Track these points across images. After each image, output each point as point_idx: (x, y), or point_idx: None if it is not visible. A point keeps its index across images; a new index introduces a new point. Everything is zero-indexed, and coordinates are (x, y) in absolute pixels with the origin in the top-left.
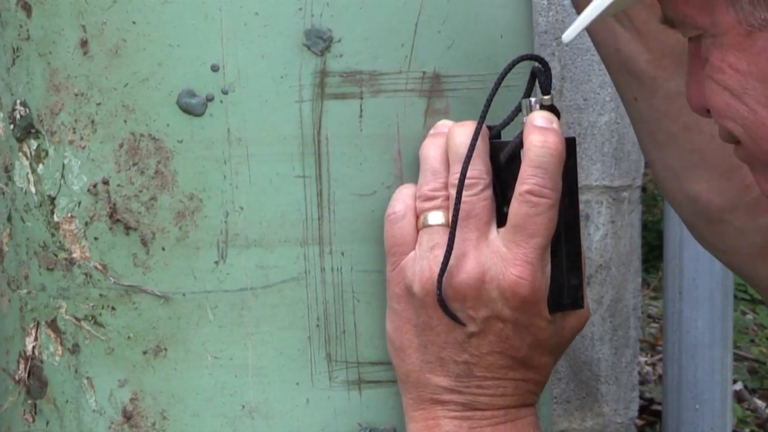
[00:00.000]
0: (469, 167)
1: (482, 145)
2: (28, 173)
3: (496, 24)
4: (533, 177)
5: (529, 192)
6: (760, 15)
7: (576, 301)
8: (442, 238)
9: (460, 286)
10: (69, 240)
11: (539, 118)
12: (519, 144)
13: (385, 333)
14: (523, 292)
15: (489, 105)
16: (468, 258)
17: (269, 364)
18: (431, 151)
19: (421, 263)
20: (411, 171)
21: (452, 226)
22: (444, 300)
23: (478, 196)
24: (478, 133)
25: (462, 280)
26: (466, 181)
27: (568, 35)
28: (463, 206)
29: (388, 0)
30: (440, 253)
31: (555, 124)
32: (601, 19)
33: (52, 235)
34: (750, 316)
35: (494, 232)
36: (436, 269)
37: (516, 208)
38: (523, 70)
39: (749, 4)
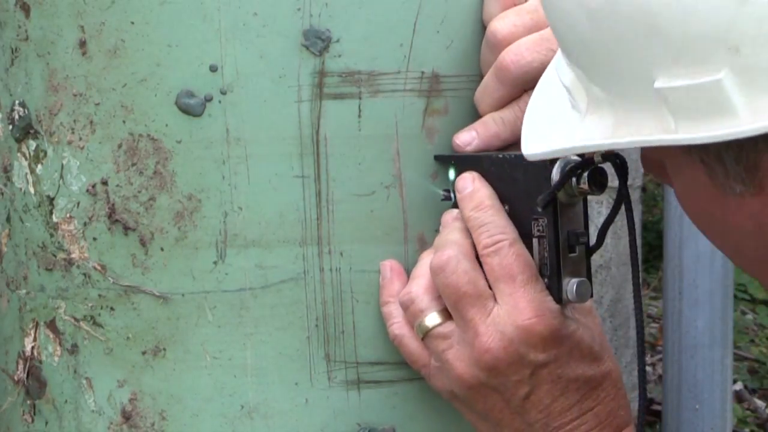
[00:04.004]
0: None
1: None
2: (27, 174)
3: None
4: (480, 235)
5: (486, 246)
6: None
7: (558, 297)
8: (446, 338)
9: (491, 363)
10: (68, 240)
11: (459, 189)
12: (552, 192)
13: (383, 333)
14: (543, 328)
15: None
16: (481, 335)
17: (268, 365)
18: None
19: (446, 368)
20: (410, 171)
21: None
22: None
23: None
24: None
25: (488, 358)
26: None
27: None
28: (468, 288)
29: (386, 0)
30: (452, 352)
31: (476, 182)
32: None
33: (51, 235)
34: (750, 316)
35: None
36: (461, 367)
37: (486, 266)
38: None
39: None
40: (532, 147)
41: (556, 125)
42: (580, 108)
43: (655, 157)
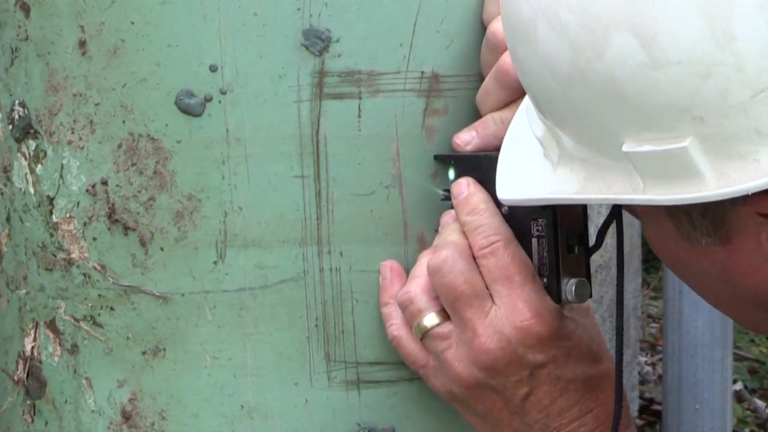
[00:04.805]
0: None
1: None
2: (26, 174)
3: None
4: (476, 237)
5: (481, 248)
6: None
7: (557, 297)
8: (444, 338)
9: (489, 363)
10: (68, 240)
11: (454, 195)
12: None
13: (383, 333)
14: (541, 328)
15: None
16: (479, 335)
17: (268, 364)
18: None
19: (445, 368)
20: (410, 171)
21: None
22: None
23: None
24: None
25: (486, 358)
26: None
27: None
28: (464, 288)
29: (386, 0)
30: (451, 352)
31: (470, 186)
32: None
33: (51, 235)
34: None
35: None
36: (460, 366)
37: (482, 268)
38: None
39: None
40: (507, 191)
41: (529, 171)
42: (552, 158)
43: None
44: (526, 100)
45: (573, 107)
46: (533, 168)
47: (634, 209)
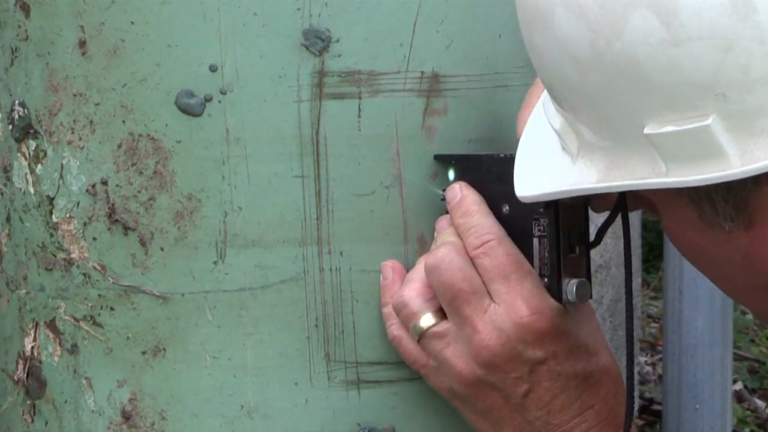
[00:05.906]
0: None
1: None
2: (26, 173)
3: (495, 23)
4: (469, 237)
5: (475, 248)
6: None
7: (558, 297)
8: (442, 337)
9: (489, 359)
10: (68, 240)
11: (448, 199)
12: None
13: (383, 333)
14: (541, 325)
15: None
16: (479, 332)
17: (268, 364)
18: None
19: (445, 366)
20: (410, 171)
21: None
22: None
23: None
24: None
25: (486, 354)
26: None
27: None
28: (463, 285)
29: (386, 0)
30: (450, 350)
31: (463, 190)
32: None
33: (51, 235)
34: (750, 316)
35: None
36: (460, 364)
37: (479, 268)
38: (523, 69)
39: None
40: (525, 189)
41: (548, 167)
42: (570, 151)
43: (644, 194)
44: (544, 95)
45: (592, 93)
46: (552, 162)
47: (652, 201)
